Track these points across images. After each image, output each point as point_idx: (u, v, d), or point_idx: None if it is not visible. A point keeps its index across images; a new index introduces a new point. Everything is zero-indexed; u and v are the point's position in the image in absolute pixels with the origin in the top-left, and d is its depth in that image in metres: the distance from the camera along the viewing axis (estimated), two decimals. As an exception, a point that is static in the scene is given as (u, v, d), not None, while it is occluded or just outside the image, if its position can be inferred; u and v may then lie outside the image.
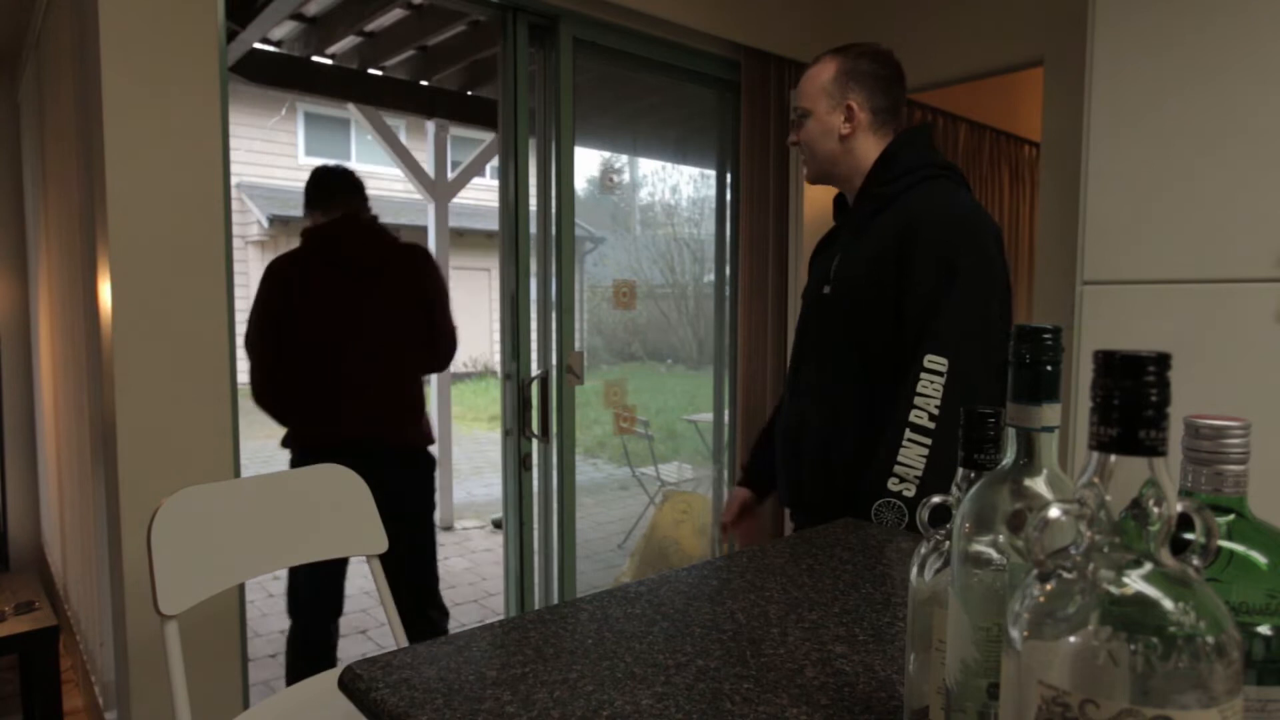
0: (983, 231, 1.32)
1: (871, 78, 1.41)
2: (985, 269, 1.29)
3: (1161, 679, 0.36)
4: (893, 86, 1.43)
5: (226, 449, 1.75)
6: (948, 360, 1.24)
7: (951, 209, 1.33)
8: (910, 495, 1.24)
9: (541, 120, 2.32)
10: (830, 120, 1.42)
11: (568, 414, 2.34)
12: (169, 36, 1.63)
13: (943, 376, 1.23)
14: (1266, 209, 1.65)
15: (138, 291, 1.63)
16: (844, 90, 1.41)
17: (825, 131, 1.43)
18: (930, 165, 1.37)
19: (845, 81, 1.41)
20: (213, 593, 1.31)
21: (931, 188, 1.35)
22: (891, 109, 1.43)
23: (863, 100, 1.40)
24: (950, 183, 1.37)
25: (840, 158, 1.44)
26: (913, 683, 0.59)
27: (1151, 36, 1.79)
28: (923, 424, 1.23)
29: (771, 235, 2.78)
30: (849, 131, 1.41)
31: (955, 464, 1.23)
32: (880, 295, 1.33)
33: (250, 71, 3.66)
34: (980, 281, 1.28)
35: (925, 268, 1.29)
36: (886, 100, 1.42)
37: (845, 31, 2.94)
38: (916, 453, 1.24)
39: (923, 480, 1.23)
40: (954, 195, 1.35)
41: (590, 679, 0.70)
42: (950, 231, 1.30)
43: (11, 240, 3.61)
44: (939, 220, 1.31)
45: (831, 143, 1.43)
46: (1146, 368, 0.38)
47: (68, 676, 2.70)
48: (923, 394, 1.24)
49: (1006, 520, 0.49)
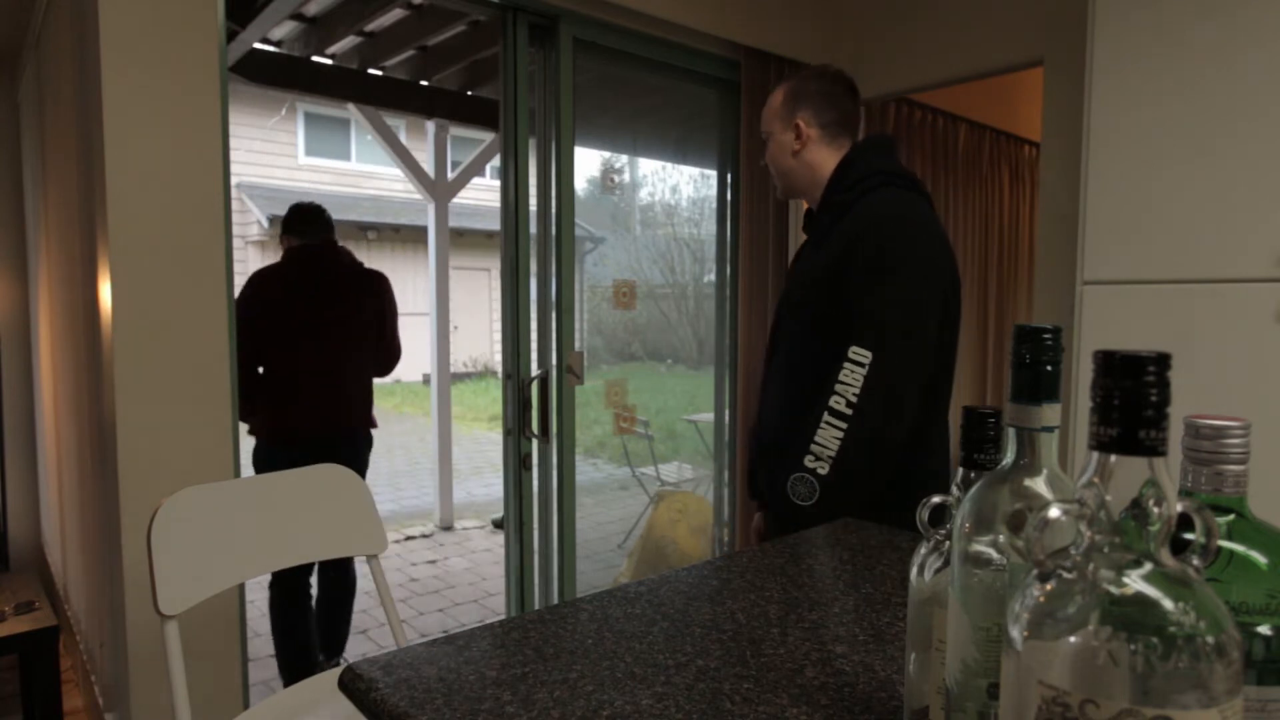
0: (918, 231, 1.37)
1: (817, 95, 1.52)
2: (917, 269, 1.35)
3: (1161, 679, 0.36)
4: (839, 100, 1.52)
5: (226, 449, 1.75)
6: (870, 354, 1.31)
7: (889, 211, 1.38)
8: (824, 473, 1.32)
9: (541, 120, 2.32)
10: (784, 139, 1.55)
11: (568, 414, 2.35)
12: (169, 36, 1.63)
13: (864, 368, 1.30)
14: (1266, 209, 1.65)
15: (138, 291, 1.63)
16: (792, 110, 1.53)
17: (781, 150, 1.56)
18: (883, 173, 1.43)
19: (792, 103, 1.54)
20: (213, 593, 1.31)
21: (882, 194, 1.40)
22: (841, 121, 1.52)
23: (810, 117, 1.52)
24: (900, 189, 1.42)
25: (797, 172, 1.54)
26: (913, 683, 0.59)
27: (1151, 36, 1.79)
28: (840, 409, 1.31)
29: (771, 235, 2.78)
30: (800, 147, 1.53)
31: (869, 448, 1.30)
32: (831, 299, 1.40)
33: (250, 71, 3.66)
34: (910, 280, 1.34)
35: (859, 268, 1.36)
36: (835, 114, 1.52)
37: (845, 31, 2.94)
38: (832, 434, 1.32)
39: (835, 460, 1.31)
40: (899, 199, 1.40)
41: (590, 679, 0.70)
42: (884, 232, 1.36)
43: (11, 240, 3.61)
44: (876, 222, 1.37)
45: (787, 159, 1.55)
46: (1146, 368, 0.38)
47: (68, 676, 2.70)
48: (843, 382, 1.32)
49: (1006, 520, 0.49)
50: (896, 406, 1.32)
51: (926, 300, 1.35)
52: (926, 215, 1.41)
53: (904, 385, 1.33)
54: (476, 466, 6.77)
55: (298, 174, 11.66)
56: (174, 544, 1.28)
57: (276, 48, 3.82)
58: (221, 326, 1.73)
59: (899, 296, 1.33)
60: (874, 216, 1.38)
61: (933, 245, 1.38)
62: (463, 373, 12.69)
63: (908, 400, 1.33)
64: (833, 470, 1.32)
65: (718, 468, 3.02)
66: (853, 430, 1.30)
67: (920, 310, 1.34)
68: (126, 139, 1.60)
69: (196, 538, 1.32)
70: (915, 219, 1.38)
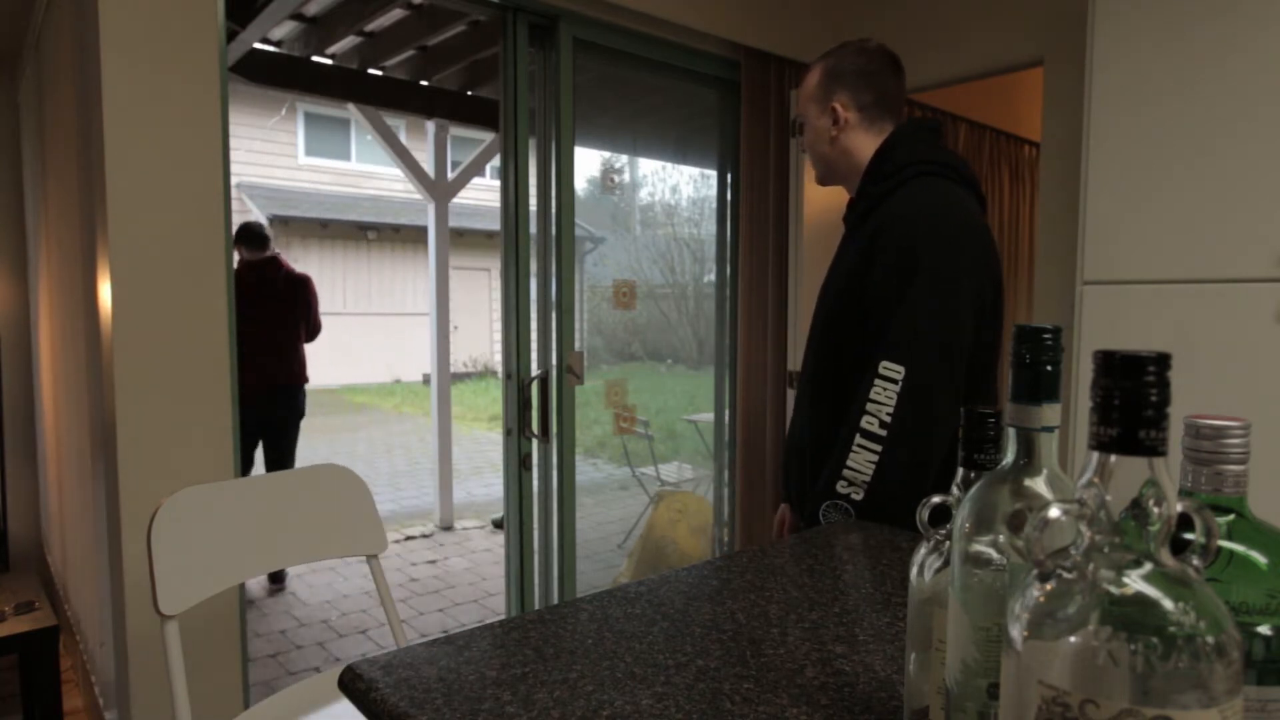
0: (952, 226, 1.25)
1: (855, 74, 1.38)
2: (949, 267, 1.22)
3: (1161, 679, 0.36)
4: (880, 79, 1.39)
5: (226, 449, 1.75)
6: (904, 369, 1.20)
7: (922, 204, 1.26)
8: (858, 499, 1.22)
9: (541, 120, 2.32)
10: (820, 124, 1.41)
11: (568, 414, 2.34)
12: (169, 36, 1.63)
13: (897, 384, 1.20)
14: (1266, 209, 1.65)
15: (138, 292, 1.63)
16: (828, 93, 1.40)
17: (817, 136, 1.42)
18: (923, 161, 1.30)
19: (829, 84, 1.40)
20: (213, 593, 1.31)
21: (917, 185, 1.29)
22: (882, 102, 1.39)
23: (848, 100, 1.39)
24: (940, 179, 1.29)
25: (835, 159, 1.42)
26: (913, 683, 0.59)
27: (1151, 36, 1.79)
28: (873, 431, 1.21)
29: (771, 235, 2.78)
30: (836, 133, 1.40)
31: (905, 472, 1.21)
32: (856, 298, 1.30)
33: (250, 71, 3.66)
34: (945, 285, 1.22)
35: (885, 267, 1.25)
36: (874, 94, 1.38)
37: (845, 32, 2.94)
38: (865, 459, 1.22)
39: (870, 486, 1.21)
40: (935, 191, 1.28)
41: (590, 679, 0.70)
42: (914, 227, 1.24)
43: (11, 240, 3.61)
44: (905, 216, 1.26)
45: (824, 145, 1.42)
46: (1146, 368, 0.38)
47: (68, 676, 2.70)
48: (875, 400, 1.21)
49: (1006, 520, 0.49)
50: (934, 425, 1.20)
51: (963, 306, 1.23)
52: (966, 208, 1.28)
53: (941, 402, 1.21)
54: (476, 466, 6.77)
55: (298, 174, 11.66)
56: (174, 544, 1.28)
57: (276, 48, 3.82)
58: (221, 326, 1.73)
59: (933, 304, 1.21)
60: (905, 213, 1.26)
61: (971, 241, 1.26)
62: (463, 373, 12.69)
63: (946, 417, 1.21)
64: (868, 496, 1.21)
65: (718, 468, 3.02)
66: (888, 453, 1.20)
67: (957, 318, 1.22)
68: (126, 139, 1.60)
69: (196, 538, 1.32)
70: (951, 214, 1.26)
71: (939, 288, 1.21)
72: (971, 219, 1.28)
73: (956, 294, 1.23)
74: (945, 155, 1.34)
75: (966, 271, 1.24)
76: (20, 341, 3.62)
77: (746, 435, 2.80)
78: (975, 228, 1.28)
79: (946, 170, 1.31)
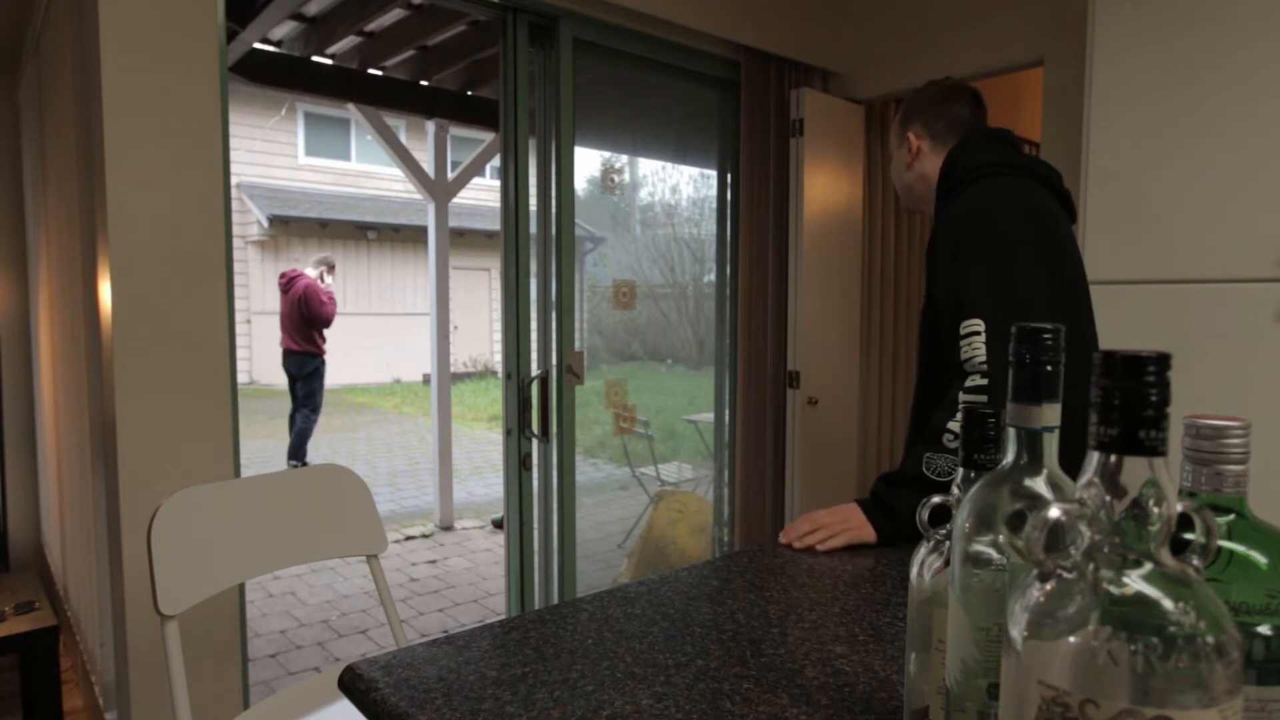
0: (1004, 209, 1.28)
1: (927, 105, 1.50)
2: (996, 235, 1.26)
3: (1161, 679, 0.36)
4: (951, 107, 1.48)
5: (226, 449, 1.75)
6: (982, 320, 1.21)
7: (975, 200, 1.31)
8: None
9: (541, 120, 2.32)
10: (899, 155, 1.54)
11: (568, 414, 2.34)
12: (169, 37, 1.63)
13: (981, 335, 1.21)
14: (1266, 209, 1.65)
15: (138, 291, 1.63)
16: (904, 125, 1.52)
17: (899, 166, 1.55)
18: (984, 165, 1.35)
19: (905, 118, 1.53)
20: (213, 593, 1.31)
21: (979, 186, 1.33)
22: (952, 129, 1.47)
23: (920, 129, 1.50)
24: (1006, 178, 1.33)
25: (913, 184, 1.53)
26: (913, 683, 0.59)
27: (1150, 37, 1.79)
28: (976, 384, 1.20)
29: (771, 235, 2.78)
30: (912, 160, 1.51)
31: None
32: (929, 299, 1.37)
33: (250, 71, 3.66)
34: (991, 248, 1.25)
35: (942, 258, 1.31)
36: (946, 122, 1.48)
37: (845, 32, 2.94)
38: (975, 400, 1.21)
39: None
40: (995, 186, 1.32)
41: (590, 679, 0.70)
42: (964, 219, 1.30)
43: (11, 240, 3.61)
44: (957, 211, 1.32)
45: (904, 174, 1.54)
46: (1146, 368, 0.38)
47: (68, 676, 2.70)
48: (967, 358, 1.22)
49: (1006, 520, 0.49)
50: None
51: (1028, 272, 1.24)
52: (1028, 199, 1.30)
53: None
54: (476, 466, 6.76)
55: (298, 174, 11.66)
56: (174, 544, 1.28)
57: (276, 48, 3.82)
58: (222, 326, 1.73)
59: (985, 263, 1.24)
60: (958, 209, 1.32)
61: (1028, 220, 1.28)
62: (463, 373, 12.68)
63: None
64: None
65: (718, 468, 3.02)
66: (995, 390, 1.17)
67: (1020, 286, 1.23)
68: (126, 139, 1.60)
69: (196, 538, 1.32)
70: (1004, 201, 1.29)
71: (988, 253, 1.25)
72: (1034, 206, 1.30)
73: (1009, 254, 1.25)
74: (1013, 156, 1.37)
75: (1025, 240, 1.26)
76: (20, 341, 3.62)
77: (746, 435, 2.80)
78: (1036, 211, 1.29)
79: (1014, 170, 1.34)
